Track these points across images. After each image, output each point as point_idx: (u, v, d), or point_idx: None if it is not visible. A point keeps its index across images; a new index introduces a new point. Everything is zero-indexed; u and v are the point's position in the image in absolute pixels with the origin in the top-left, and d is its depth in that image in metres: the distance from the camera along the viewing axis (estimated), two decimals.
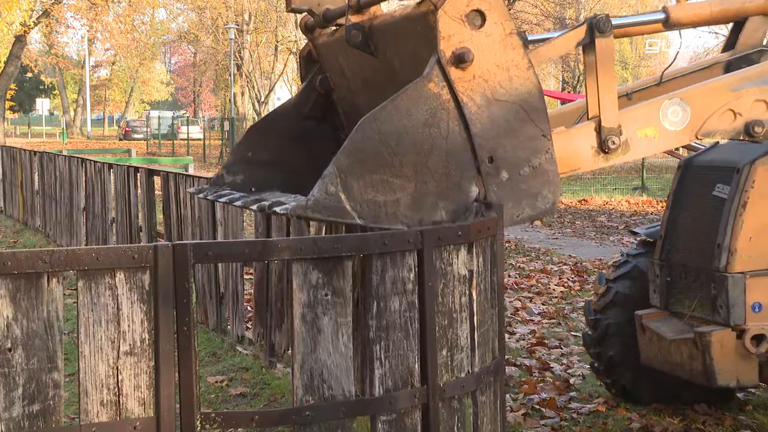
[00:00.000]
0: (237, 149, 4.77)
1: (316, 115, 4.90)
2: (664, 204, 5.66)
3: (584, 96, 4.40)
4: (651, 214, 16.61)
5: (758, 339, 4.79)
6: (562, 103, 45.11)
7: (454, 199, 3.80)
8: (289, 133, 4.81)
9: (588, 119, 4.34)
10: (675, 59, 5.33)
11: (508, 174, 3.91)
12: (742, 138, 4.61)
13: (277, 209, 3.71)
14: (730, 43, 5.24)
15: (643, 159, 21.87)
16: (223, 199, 4.43)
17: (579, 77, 51.42)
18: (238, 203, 4.22)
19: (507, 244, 12.83)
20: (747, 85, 4.54)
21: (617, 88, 4.47)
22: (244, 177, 4.68)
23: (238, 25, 45.00)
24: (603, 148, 4.27)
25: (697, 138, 4.58)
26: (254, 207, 4.00)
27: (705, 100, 4.47)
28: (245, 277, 7.74)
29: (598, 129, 4.26)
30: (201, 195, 4.67)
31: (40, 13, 46.38)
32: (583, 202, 19.28)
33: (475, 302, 3.55)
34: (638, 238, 5.85)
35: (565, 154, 4.17)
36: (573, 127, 4.37)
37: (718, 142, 5.58)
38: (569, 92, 48.46)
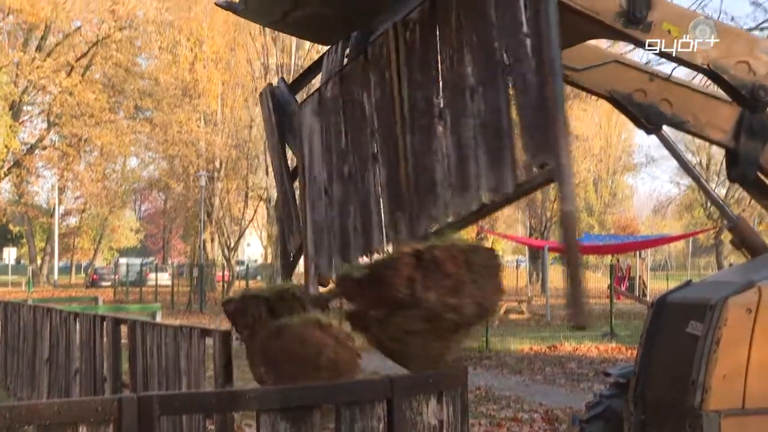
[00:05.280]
0: None
1: None
2: (634, 351, 5.64)
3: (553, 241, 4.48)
4: (620, 360, 16.54)
5: None
6: (530, 249, 45.39)
7: None
8: None
9: None
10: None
11: None
12: (743, 93, 4.68)
13: None
14: None
15: (611, 305, 21.91)
16: None
17: (546, 224, 52.19)
18: None
19: (477, 392, 12.69)
20: None
21: None
22: None
23: (209, 172, 45.50)
24: (627, 14, 4.32)
25: (708, 66, 4.63)
26: None
27: (734, 40, 4.56)
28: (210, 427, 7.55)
29: None
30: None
31: (11, 163, 46.81)
32: (552, 348, 19.22)
33: None
34: (611, 379, 5.81)
35: None
36: None
37: (690, 281, 5.62)
38: (536, 238, 49.06)
